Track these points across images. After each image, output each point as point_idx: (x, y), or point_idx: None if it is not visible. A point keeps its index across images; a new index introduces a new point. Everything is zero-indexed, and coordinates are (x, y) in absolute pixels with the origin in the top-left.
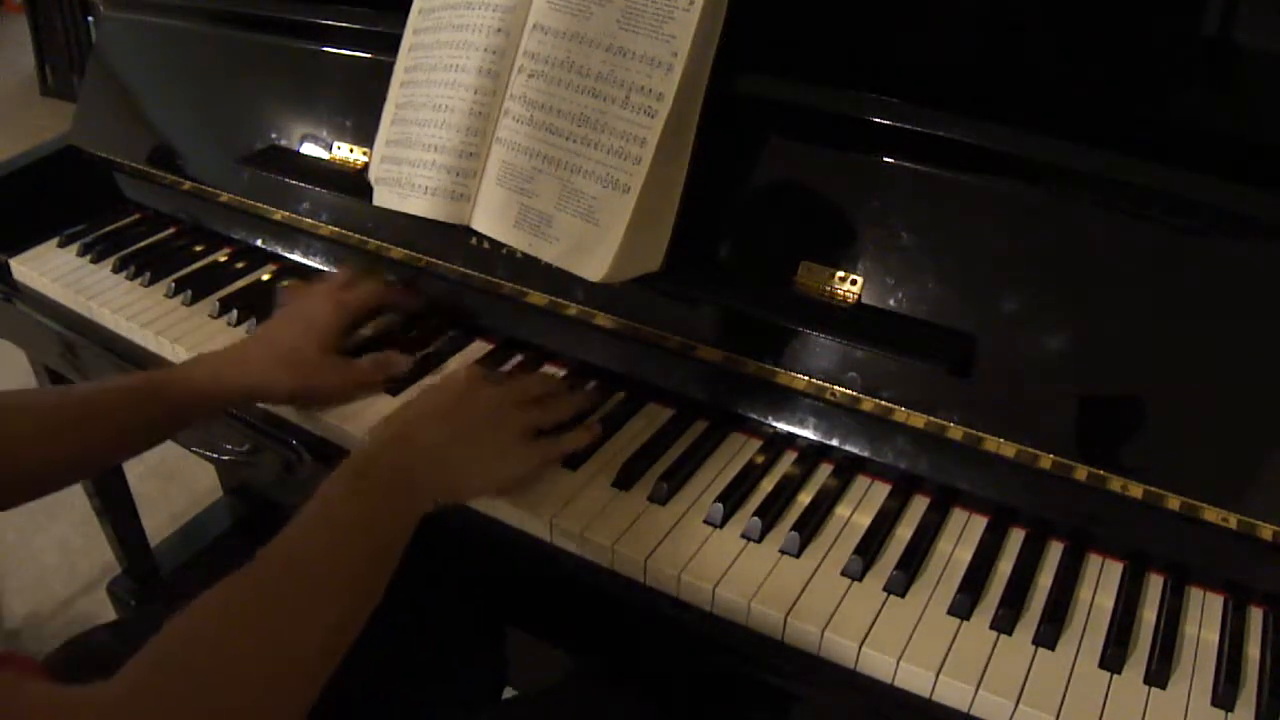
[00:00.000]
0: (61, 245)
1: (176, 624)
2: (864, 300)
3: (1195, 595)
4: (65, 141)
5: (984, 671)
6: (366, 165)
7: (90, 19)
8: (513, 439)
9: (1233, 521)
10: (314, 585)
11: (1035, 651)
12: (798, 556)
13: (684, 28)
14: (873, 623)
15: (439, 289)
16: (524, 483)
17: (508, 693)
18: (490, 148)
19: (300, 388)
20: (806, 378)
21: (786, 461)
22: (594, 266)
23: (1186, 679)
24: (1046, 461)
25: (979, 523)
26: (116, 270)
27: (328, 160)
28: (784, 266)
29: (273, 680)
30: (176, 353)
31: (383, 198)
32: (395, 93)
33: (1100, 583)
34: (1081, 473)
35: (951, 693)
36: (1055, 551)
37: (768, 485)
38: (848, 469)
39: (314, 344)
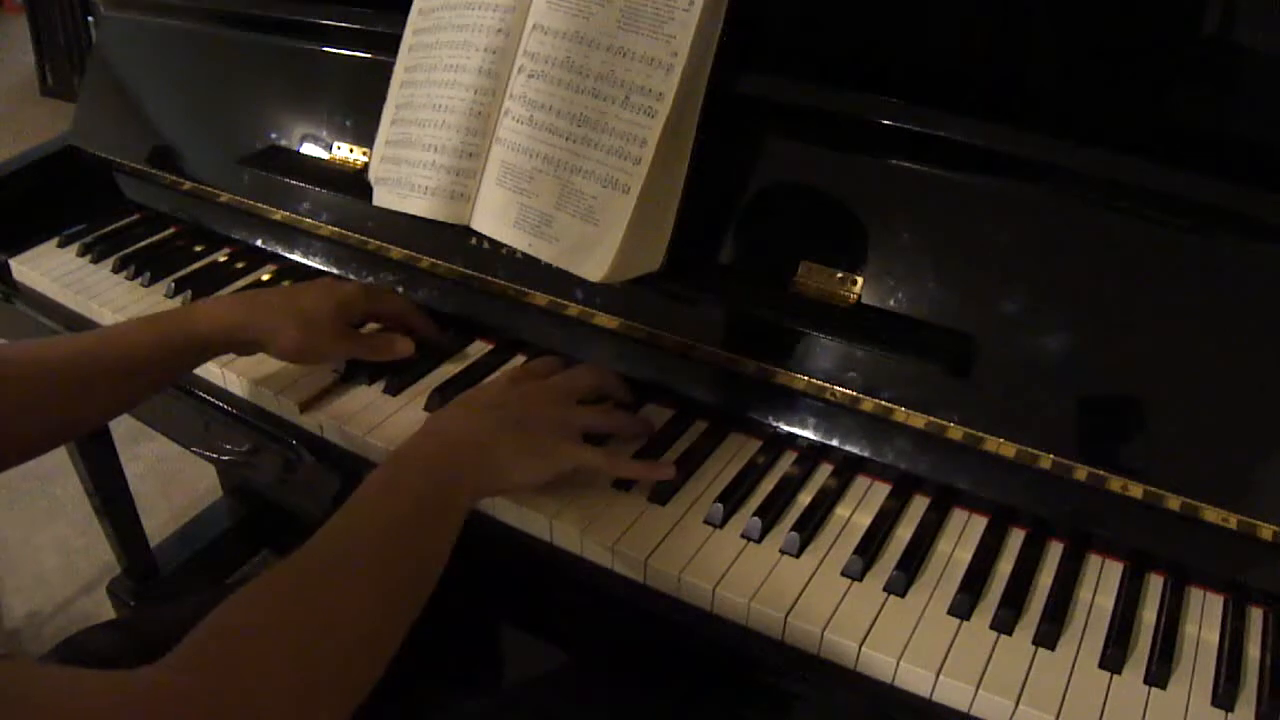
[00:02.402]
0: (61, 245)
1: (227, 608)
2: (864, 300)
3: (1195, 595)
4: (65, 141)
5: (984, 671)
6: (366, 165)
7: (90, 19)
8: (554, 438)
9: (1233, 521)
10: (357, 574)
11: (1035, 651)
12: (798, 556)
13: (684, 28)
14: (873, 623)
15: (439, 289)
16: (570, 478)
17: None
18: (490, 148)
19: (305, 348)
20: (806, 378)
21: (786, 461)
22: (594, 266)
23: (1186, 679)
24: (1046, 461)
25: (979, 523)
26: (116, 270)
27: (328, 160)
28: (784, 266)
29: (320, 668)
30: None
31: (382, 198)
32: (395, 93)
33: (1100, 583)
34: (1081, 473)
35: (951, 693)
36: (1055, 551)
37: (768, 485)
38: (848, 469)
39: (330, 311)
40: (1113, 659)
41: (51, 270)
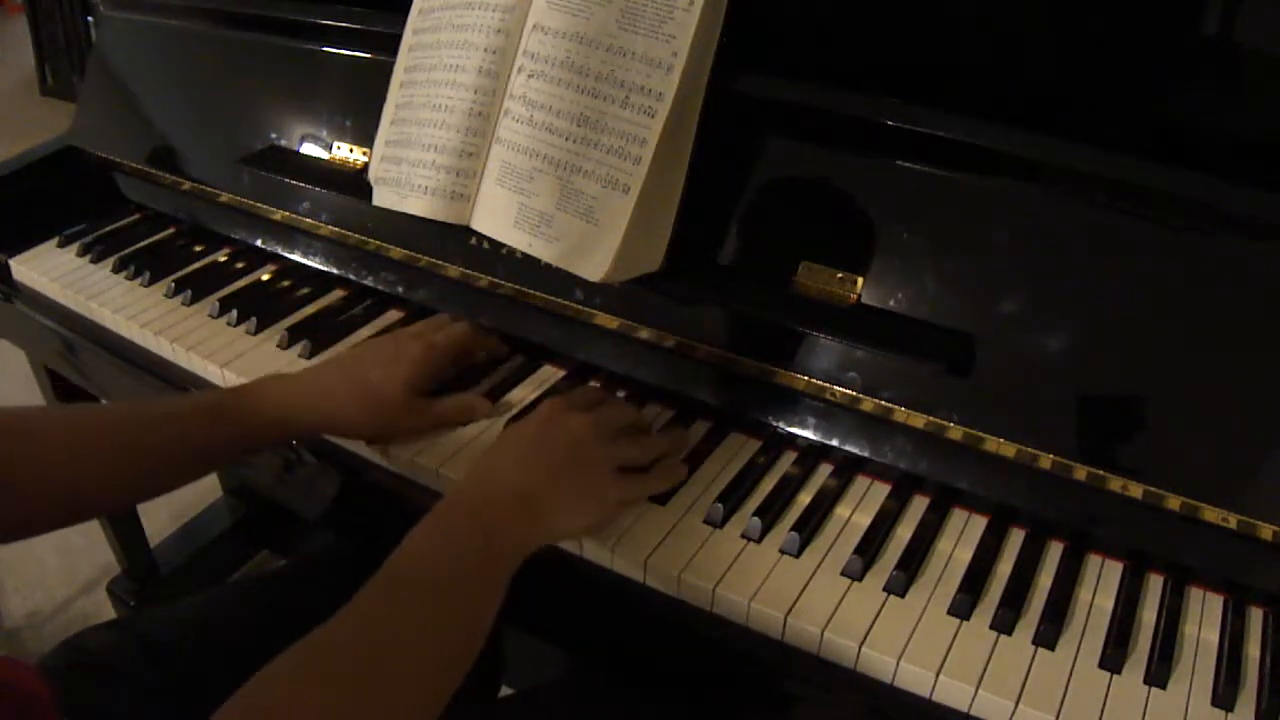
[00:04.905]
0: (61, 245)
1: (260, 684)
2: (864, 300)
3: (1195, 595)
4: (65, 141)
5: (984, 671)
6: (366, 165)
7: (90, 19)
8: (602, 476)
9: (1233, 521)
10: (396, 644)
11: (1035, 651)
12: (798, 556)
13: (684, 28)
14: (873, 623)
15: (438, 289)
16: (612, 520)
17: (504, 691)
18: (490, 148)
19: (380, 430)
20: (806, 378)
21: (786, 461)
22: (594, 266)
23: (1186, 679)
24: (1046, 461)
25: (979, 523)
26: (116, 270)
27: (328, 160)
28: (784, 266)
29: None
30: (176, 353)
31: (382, 198)
32: (395, 93)
33: (1100, 583)
34: (1081, 473)
35: (951, 693)
36: (1055, 551)
37: (768, 485)
38: (848, 469)
39: (399, 382)
40: (1113, 659)
41: (51, 270)
